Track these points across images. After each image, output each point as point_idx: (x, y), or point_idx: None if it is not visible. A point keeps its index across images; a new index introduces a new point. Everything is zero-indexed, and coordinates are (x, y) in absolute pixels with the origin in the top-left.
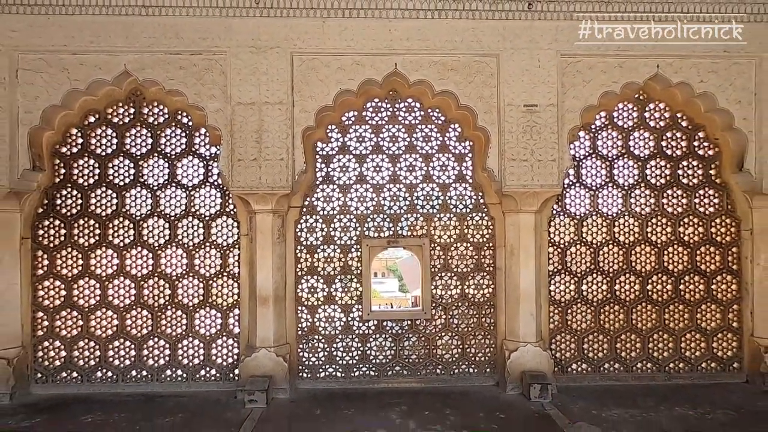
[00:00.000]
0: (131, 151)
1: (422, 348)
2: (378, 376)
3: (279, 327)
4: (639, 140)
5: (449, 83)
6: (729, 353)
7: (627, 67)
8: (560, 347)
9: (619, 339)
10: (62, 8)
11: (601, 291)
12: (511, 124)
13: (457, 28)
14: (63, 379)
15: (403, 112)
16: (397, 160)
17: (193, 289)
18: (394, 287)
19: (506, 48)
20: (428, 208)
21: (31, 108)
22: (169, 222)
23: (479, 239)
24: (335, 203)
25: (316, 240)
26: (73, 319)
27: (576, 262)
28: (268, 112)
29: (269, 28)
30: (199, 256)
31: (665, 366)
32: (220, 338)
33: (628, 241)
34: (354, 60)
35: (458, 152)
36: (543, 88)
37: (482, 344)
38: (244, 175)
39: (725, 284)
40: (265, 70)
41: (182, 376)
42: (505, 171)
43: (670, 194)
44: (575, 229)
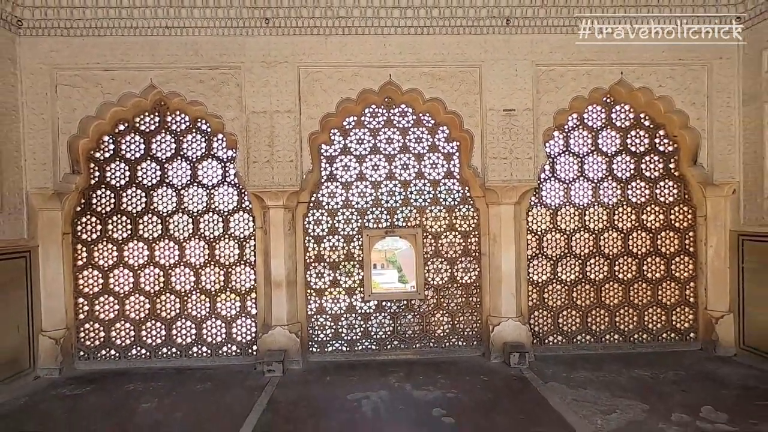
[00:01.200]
0: (157, 155)
1: (417, 324)
2: (378, 349)
3: (291, 308)
4: (607, 138)
5: (438, 91)
6: (686, 325)
7: (594, 75)
8: (538, 322)
9: (589, 314)
10: (95, 30)
11: (574, 272)
12: (493, 126)
13: (444, 43)
14: (102, 356)
15: (398, 116)
16: (392, 160)
17: (215, 276)
18: (394, 278)
19: (487, 59)
20: (421, 202)
21: (69, 119)
22: (192, 217)
23: (466, 228)
24: (338, 198)
25: (322, 231)
26: (110, 304)
27: (551, 247)
28: (279, 120)
29: (278, 45)
30: (220, 247)
31: (630, 337)
32: (240, 319)
33: (597, 228)
34: (353, 72)
35: (446, 152)
36: (520, 94)
37: (470, 320)
38: (259, 175)
39: (683, 264)
40: (275, 82)
41: (207, 352)
42: (487, 168)
43: (635, 186)
44: (551, 218)
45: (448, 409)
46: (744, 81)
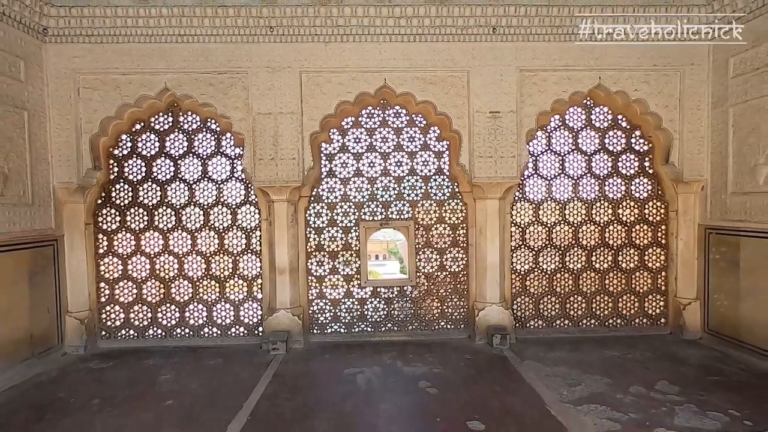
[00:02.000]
0: (171, 152)
1: (409, 309)
2: (373, 331)
3: (294, 293)
4: (586, 138)
5: (429, 94)
6: (657, 311)
7: (574, 79)
8: (521, 307)
9: (568, 300)
10: (114, 38)
11: (554, 262)
12: (479, 127)
13: (434, 49)
14: (122, 335)
15: (392, 117)
16: (387, 157)
17: (224, 263)
18: (396, 269)
19: (475, 65)
20: (413, 196)
21: (90, 119)
22: (203, 210)
23: (455, 221)
24: (337, 193)
25: (322, 223)
26: (128, 288)
27: (533, 239)
28: (282, 120)
29: (281, 51)
30: (228, 237)
31: (606, 321)
32: (247, 302)
33: (576, 221)
34: (351, 76)
35: (437, 150)
36: (505, 97)
37: (457, 305)
38: (264, 171)
39: (655, 255)
40: (279, 86)
41: (217, 332)
42: (474, 166)
43: (611, 182)
44: (533, 212)
45: (433, 381)
46: (713, 86)
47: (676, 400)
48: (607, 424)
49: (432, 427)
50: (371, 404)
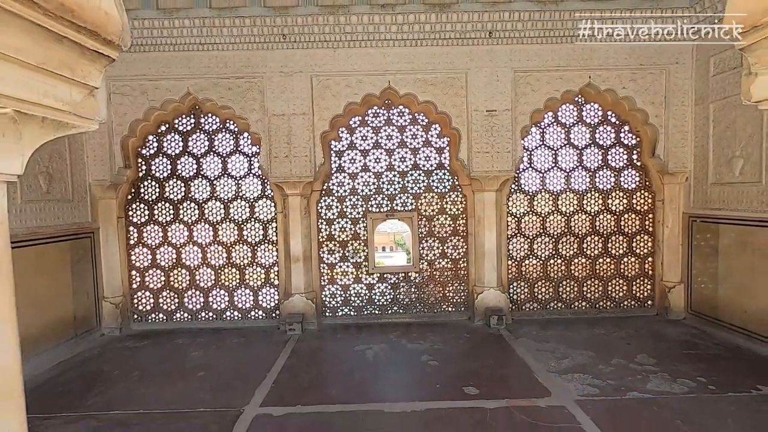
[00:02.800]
0: (193, 151)
1: (413, 293)
2: (381, 314)
3: (308, 279)
4: (578, 133)
5: (430, 95)
6: (645, 294)
7: (566, 79)
8: (516, 291)
9: (561, 284)
10: (142, 47)
11: (548, 249)
12: (477, 125)
13: (435, 53)
14: (152, 319)
15: (396, 116)
16: (392, 153)
17: (243, 252)
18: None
19: (472, 67)
20: (416, 189)
21: (121, 122)
22: (223, 204)
23: (455, 212)
24: (346, 187)
25: (332, 215)
26: (157, 276)
27: (528, 228)
28: (295, 121)
29: (294, 57)
30: (247, 228)
31: (596, 304)
32: (264, 288)
33: (569, 211)
34: (358, 79)
35: (438, 146)
36: (500, 97)
37: (458, 289)
38: (279, 168)
39: (643, 242)
40: (291, 89)
41: (238, 316)
42: (472, 160)
43: (601, 175)
44: (528, 202)
45: (434, 356)
46: (696, 84)
47: (651, 370)
48: (587, 389)
49: (432, 392)
50: (379, 374)
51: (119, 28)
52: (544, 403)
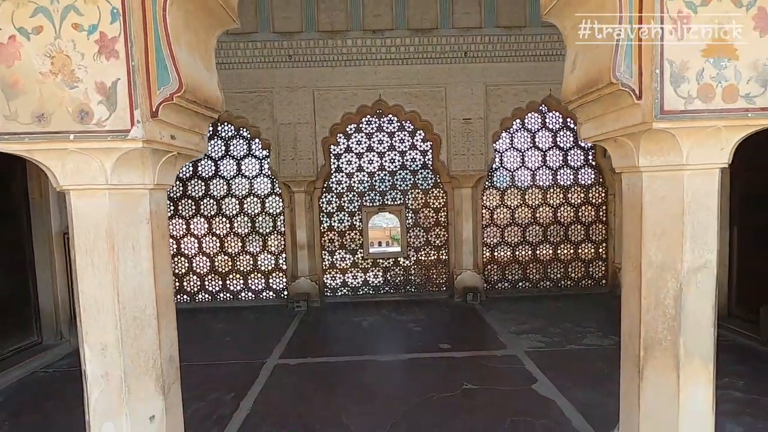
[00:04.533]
0: (212, 155)
1: (402, 275)
2: (374, 293)
3: (311, 263)
4: (542, 138)
5: (414, 106)
6: (599, 274)
7: (530, 91)
8: (490, 273)
9: (528, 267)
10: None
11: (517, 237)
12: (455, 131)
13: (418, 70)
14: (178, 300)
15: (386, 124)
16: (383, 156)
17: (256, 241)
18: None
19: (451, 82)
20: (404, 186)
21: None
22: (238, 200)
23: (437, 205)
24: (344, 185)
25: (332, 209)
26: (182, 263)
27: (500, 219)
28: (300, 129)
29: (298, 74)
30: (258, 221)
31: (558, 283)
32: (274, 272)
33: (534, 204)
34: (353, 92)
35: (423, 149)
36: (475, 107)
37: (440, 272)
38: (287, 169)
39: (598, 230)
40: (297, 101)
41: (251, 296)
42: (451, 161)
43: (562, 173)
44: (500, 197)
45: (417, 324)
46: None
47: (590, 331)
48: (536, 344)
49: (415, 347)
50: (372, 337)
51: (221, 102)
52: (500, 353)
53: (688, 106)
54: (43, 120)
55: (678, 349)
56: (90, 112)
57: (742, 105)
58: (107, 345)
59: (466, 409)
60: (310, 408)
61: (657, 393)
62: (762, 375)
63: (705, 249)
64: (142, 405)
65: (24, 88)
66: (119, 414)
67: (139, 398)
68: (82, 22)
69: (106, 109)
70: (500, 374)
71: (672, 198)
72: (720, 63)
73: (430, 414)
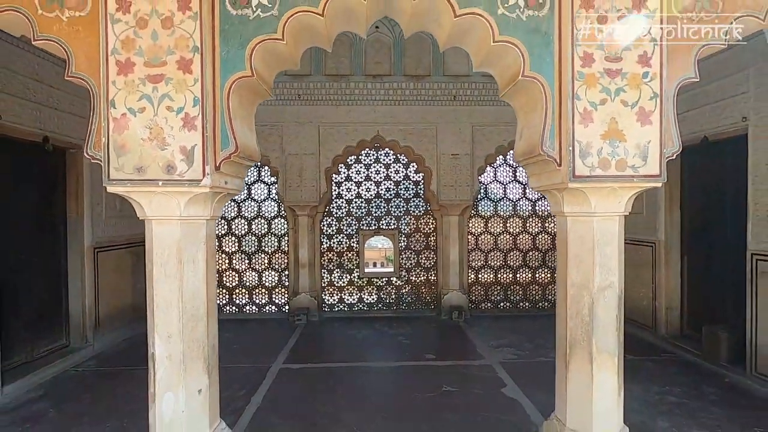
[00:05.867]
0: None
1: (394, 294)
2: (368, 310)
3: (311, 281)
4: (522, 172)
5: (409, 141)
6: None
7: (511, 131)
8: (475, 294)
9: (509, 289)
10: None
11: (499, 261)
12: (444, 165)
13: (413, 111)
14: None
15: (383, 156)
16: (379, 184)
17: (262, 259)
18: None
19: (441, 122)
20: (398, 213)
21: None
22: (247, 221)
23: (427, 230)
24: (343, 210)
25: (332, 231)
26: None
27: (484, 244)
28: (306, 159)
29: (305, 111)
30: (265, 241)
31: (537, 305)
32: (277, 288)
33: (515, 231)
34: (354, 128)
35: (415, 180)
36: (462, 144)
37: (429, 291)
38: (292, 194)
39: None
40: (303, 135)
41: (255, 310)
42: (441, 192)
43: (540, 204)
44: (484, 224)
45: (407, 338)
46: None
47: None
48: (509, 357)
49: (403, 357)
50: (366, 347)
51: (258, 154)
52: (478, 363)
53: (592, 173)
54: (141, 171)
55: (591, 347)
56: (174, 167)
57: (630, 173)
58: (172, 334)
59: (445, 406)
60: (311, 404)
61: (578, 379)
62: (697, 385)
63: (609, 273)
64: (193, 381)
65: (129, 149)
66: (177, 386)
67: (192, 376)
68: (173, 105)
69: (186, 165)
70: (476, 380)
71: (586, 236)
72: (614, 143)
73: (414, 409)
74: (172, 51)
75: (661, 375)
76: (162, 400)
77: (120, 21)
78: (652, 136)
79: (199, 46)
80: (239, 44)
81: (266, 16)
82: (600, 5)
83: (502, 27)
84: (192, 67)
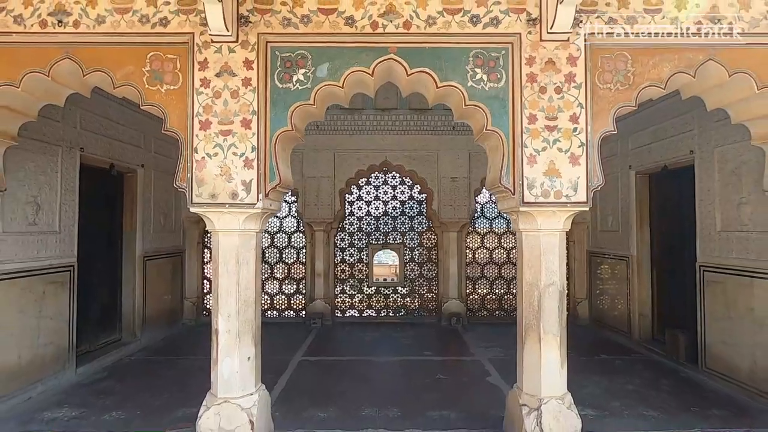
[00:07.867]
0: None
1: (400, 302)
2: (376, 315)
3: (326, 289)
4: None
5: (413, 166)
6: None
7: None
8: (472, 302)
9: (503, 298)
10: None
11: (494, 273)
12: (444, 187)
13: (417, 139)
14: None
15: (390, 178)
16: (387, 204)
17: (282, 269)
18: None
19: (441, 149)
20: (403, 229)
21: None
22: (270, 235)
23: (430, 245)
24: (354, 226)
25: (344, 245)
26: None
27: (480, 258)
28: (322, 182)
29: (323, 139)
30: (285, 253)
31: None
32: (295, 295)
33: (509, 246)
34: (365, 154)
35: (419, 200)
36: (460, 169)
37: (431, 299)
38: (310, 212)
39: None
40: (321, 160)
41: (276, 314)
42: (441, 211)
43: None
44: (480, 240)
45: (409, 339)
46: None
47: None
48: (498, 354)
49: (404, 353)
50: (374, 347)
51: (292, 183)
52: (469, 359)
53: (536, 200)
54: (213, 197)
55: (540, 330)
56: (237, 194)
57: (564, 200)
58: (230, 314)
59: (437, 388)
60: (326, 387)
61: (531, 355)
62: (656, 378)
63: (553, 274)
64: (245, 349)
65: (206, 182)
66: (233, 353)
67: (244, 346)
68: (237, 151)
69: (245, 193)
70: (465, 371)
71: (535, 247)
72: (552, 179)
73: (411, 391)
74: (238, 114)
75: (626, 371)
76: (223, 363)
77: (202, 93)
78: (580, 174)
79: (256, 110)
80: (283, 108)
81: (303, 88)
82: (541, 80)
83: (471, 95)
84: (251, 125)
